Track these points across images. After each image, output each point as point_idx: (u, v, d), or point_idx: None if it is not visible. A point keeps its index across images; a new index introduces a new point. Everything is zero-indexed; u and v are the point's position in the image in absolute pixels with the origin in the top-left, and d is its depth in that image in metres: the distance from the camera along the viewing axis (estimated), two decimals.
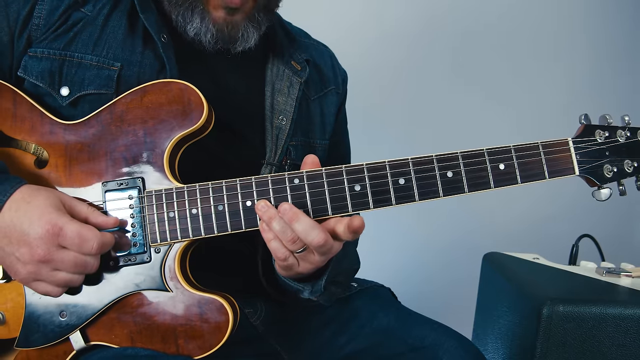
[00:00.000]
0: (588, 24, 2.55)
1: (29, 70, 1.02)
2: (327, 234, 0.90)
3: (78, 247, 0.87)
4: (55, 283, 0.89)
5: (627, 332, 1.23)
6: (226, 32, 1.10)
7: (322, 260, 0.94)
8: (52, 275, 0.88)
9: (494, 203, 2.48)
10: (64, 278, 0.88)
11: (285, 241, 0.91)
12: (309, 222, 0.90)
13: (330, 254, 0.94)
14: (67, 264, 0.87)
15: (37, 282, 0.89)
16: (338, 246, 0.94)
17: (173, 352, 0.94)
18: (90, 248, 0.87)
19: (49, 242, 0.85)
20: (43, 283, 0.89)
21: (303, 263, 0.95)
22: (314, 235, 0.89)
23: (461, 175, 0.96)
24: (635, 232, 2.64)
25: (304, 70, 1.25)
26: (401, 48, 2.45)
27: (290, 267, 0.96)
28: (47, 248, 0.85)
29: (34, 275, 0.88)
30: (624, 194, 1.03)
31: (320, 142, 1.29)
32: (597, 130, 1.02)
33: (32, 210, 0.86)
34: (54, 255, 0.86)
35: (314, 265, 0.95)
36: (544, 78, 2.53)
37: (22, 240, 0.86)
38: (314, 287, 1.04)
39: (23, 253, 0.86)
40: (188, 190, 0.96)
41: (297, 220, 0.89)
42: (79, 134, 0.99)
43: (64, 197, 0.92)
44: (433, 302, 2.00)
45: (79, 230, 0.87)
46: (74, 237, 0.86)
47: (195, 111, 0.98)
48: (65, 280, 0.89)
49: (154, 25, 1.08)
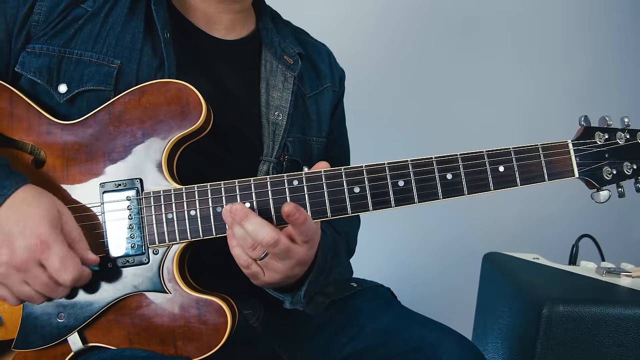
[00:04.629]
0: (588, 25, 2.54)
1: (27, 66, 1.02)
2: (280, 234, 0.86)
3: (56, 272, 0.85)
4: (17, 294, 0.87)
5: (627, 332, 1.22)
6: None
7: (286, 267, 0.91)
8: (18, 285, 0.86)
9: (494, 203, 2.48)
10: (27, 293, 0.87)
11: (246, 248, 0.89)
12: (259, 221, 0.86)
13: (292, 259, 0.90)
14: (37, 282, 0.85)
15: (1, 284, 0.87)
16: (300, 250, 0.90)
17: (171, 353, 0.93)
18: (66, 278, 0.85)
19: (32, 255, 0.84)
20: (5, 289, 0.87)
21: (268, 272, 0.92)
22: (263, 234, 0.85)
23: (461, 177, 0.96)
24: (635, 232, 2.64)
25: (297, 63, 1.24)
26: (400, 48, 2.44)
27: (256, 275, 0.93)
28: (27, 259, 0.84)
29: (1, 278, 0.85)
30: (623, 196, 1.03)
31: (317, 140, 1.29)
32: (597, 132, 1.02)
33: (29, 216, 0.85)
34: (30, 269, 0.84)
35: (280, 274, 0.92)
36: (544, 79, 2.53)
37: (8, 241, 0.84)
38: (294, 298, 1.02)
39: (2, 253, 0.84)
40: (186, 191, 0.95)
41: (247, 220, 0.86)
42: (76, 134, 0.98)
43: (62, 210, 0.90)
44: (433, 302, 2.00)
45: (64, 256, 0.85)
46: (56, 260, 0.84)
47: (193, 112, 0.97)
48: (28, 296, 0.87)
49: (162, 20, 1.08)
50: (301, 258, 0.91)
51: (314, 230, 0.90)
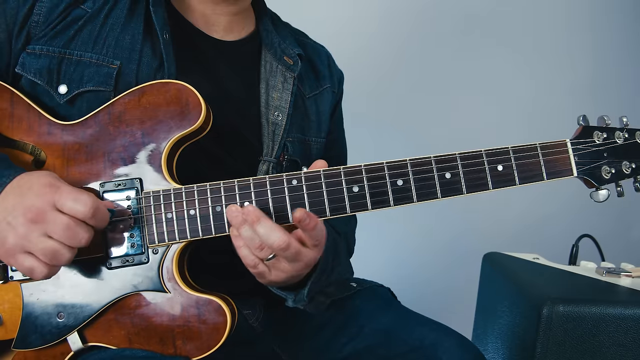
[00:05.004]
0: (588, 25, 2.54)
1: (27, 67, 1.02)
2: (291, 238, 0.87)
3: (71, 209, 0.83)
4: (43, 253, 0.83)
5: (627, 332, 1.23)
6: None
7: (294, 268, 0.91)
8: (41, 242, 0.83)
9: (494, 203, 2.48)
10: (52, 247, 0.83)
11: (253, 248, 0.89)
12: (271, 225, 0.87)
13: (301, 261, 0.90)
14: (58, 227, 0.83)
15: (24, 254, 0.84)
16: (310, 253, 0.91)
17: (171, 353, 0.94)
18: (84, 209, 0.83)
19: (45, 200, 0.83)
20: (29, 256, 0.84)
21: (275, 271, 0.92)
22: (274, 238, 0.85)
23: (459, 176, 0.96)
24: (635, 232, 2.64)
25: (296, 64, 1.24)
26: (400, 48, 2.45)
27: (262, 275, 0.93)
28: (42, 205, 0.83)
29: (23, 241, 0.83)
30: (622, 195, 1.03)
31: (316, 140, 1.29)
32: (595, 132, 1.02)
33: (33, 179, 0.86)
34: (47, 214, 0.83)
35: (286, 273, 0.92)
36: (543, 80, 2.53)
37: (19, 203, 0.84)
38: (297, 297, 1.02)
39: (16, 216, 0.83)
40: (186, 191, 0.95)
41: (259, 223, 0.87)
42: (76, 134, 0.98)
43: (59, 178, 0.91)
44: (433, 302, 2.00)
45: (75, 191, 0.85)
46: (69, 196, 0.83)
47: (193, 112, 0.97)
48: (53, 250, 0.84)
49: (161, 21, 1.08)
50: (309, 260, 0.91)
51: (323, 234, 0.91)
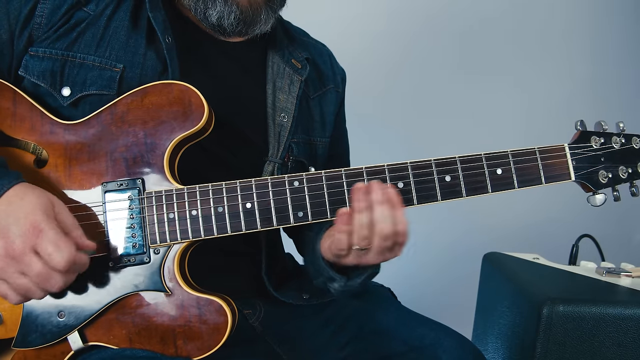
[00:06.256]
0: (587, 30, 2.54)
1: (30, 69, 1.02)
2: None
3: (48, 256, 0.84)
4: (16, 287, 0.86)
5: (627, 332, 1.23)
6: (250, 12, 1.12)
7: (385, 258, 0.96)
8: (15, 278, 0.85)
9: (494, 203, 2.47)
10: (25, 286, 0.85)
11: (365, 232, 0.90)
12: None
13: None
14: (32, 271, 0.84)
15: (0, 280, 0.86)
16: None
17: (172, 353, 0.94)
18: (59, 260, 0.84)
19: (26, 241, 0.84)
20: (4, 284, 0.86)
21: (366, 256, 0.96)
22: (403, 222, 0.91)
23: (459, 179, 0.97)
24: (635, 232, 2.64)
25: (304, 68, 1.25)
26: (403, 51, 2.45)
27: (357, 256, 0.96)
28: (22, 247, 0.83)
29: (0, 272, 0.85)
30: (619, 200, 1.05)
31: (321, 140, 1.29)
32: (593, 137, 1.04)
33: (22, 207, 0.85)
34: (24, 257, 0.84)
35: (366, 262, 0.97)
36: (543, 82, 2.53)
37: (3, 233, 0.84)
38: (348, 282, 1.03)
39: None
40: (188, 191, 0.96)
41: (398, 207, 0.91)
42: (79, 134, 0.99)
43: (55, 201, 0.90)
44: (433, 302, 2.00)
45: (56, 238, 0.85)
46: (49, 244, 0.84)
47: (195, 113, 0.98)
48: (26, 289, 0.86)
49: (160, 25, 1.08)
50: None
51: None
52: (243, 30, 1.14)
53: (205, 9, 1.10)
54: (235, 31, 1.14)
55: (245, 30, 1.15)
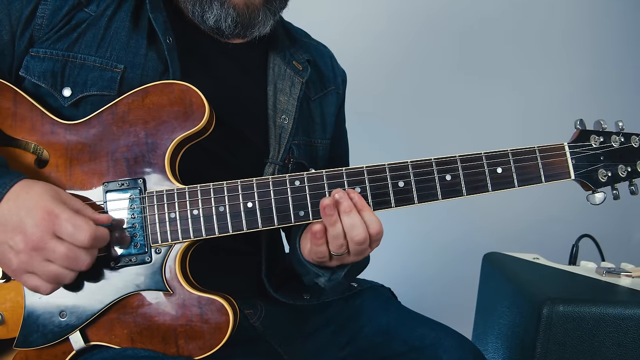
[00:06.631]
0: (588, 29, 2.54)
1: (31, 70, 1.02)
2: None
3: (71, 236, 0.84)
4: (46, 276, 0.86)
5: (627, 332, 1.23)
6: (247, 15, 1.12)
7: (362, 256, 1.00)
8: (43, 266, 0.85)
9: (494, 203, 2.48)
10: (55, 271, 0.86)
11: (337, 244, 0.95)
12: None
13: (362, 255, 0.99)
14: (58, 255, 0.85)
15: (28, 274, 0.87)
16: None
17: (173, 352, 0.94)
18: (83, 238, 0.85)
19: (44, 229, 0.84)
20: (34, 276, 0.87)
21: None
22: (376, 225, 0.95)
23: (459, 178, 0.97)
24: (634, 231, 2.64)
25: (306, 70, 1.25)
26: (404, 51, 2.45)
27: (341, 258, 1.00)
28: (41, 235, 0.84)
29: (26, 266, 0.85)
30: (618, 198, 1.05)
31: (322, 141, 1.29)
32: (592, 136, 1.04)
33: (30, 198, 0.86)
34: (47, 244, 0.84)
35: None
36: (542, 82, 2.53)
37: (18, 227, 0.84)
38: (332, 276, 1.06)
39: (17, 241, 0.84)
40: (189, 191, 0.96)
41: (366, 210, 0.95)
42: (80, 134, 0.99)
43: (59, 190, 0.90)
44: (433, 302, 2.01)
45: (73, 218, 0.85)
46: (68, 225, 0.84)
47: (196, 113, 0.98)
48: (56, 274, 0.86)
49: (161, 26, 1.08)
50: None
51: None
52: (241, 32, 1.14)
53: (203, 12, 1.10)
54: (233, 33, 1.14)
55: (244, 32, 1.15)
